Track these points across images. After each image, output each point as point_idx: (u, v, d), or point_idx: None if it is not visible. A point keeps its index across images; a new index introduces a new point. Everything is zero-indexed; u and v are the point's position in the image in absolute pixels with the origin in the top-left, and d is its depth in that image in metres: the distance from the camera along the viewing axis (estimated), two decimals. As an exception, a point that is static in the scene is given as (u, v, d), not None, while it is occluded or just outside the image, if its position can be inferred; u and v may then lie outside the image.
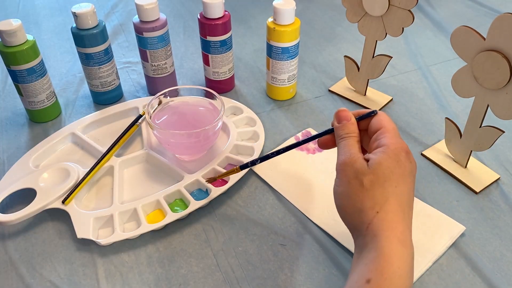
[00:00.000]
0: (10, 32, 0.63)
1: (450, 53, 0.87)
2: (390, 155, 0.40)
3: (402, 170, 0.40)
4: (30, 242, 0.55)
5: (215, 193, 0.58)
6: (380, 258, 0.37)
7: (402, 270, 0.36)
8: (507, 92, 0.52)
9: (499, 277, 0.50)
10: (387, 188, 0.39)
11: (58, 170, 0.60)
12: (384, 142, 0.41)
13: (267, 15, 0.72)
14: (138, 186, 0.61)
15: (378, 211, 0.39)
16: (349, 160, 0.41)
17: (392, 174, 0.39)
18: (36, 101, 0.70)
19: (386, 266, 0.36)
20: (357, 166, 0.40)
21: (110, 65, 0.73)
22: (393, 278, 0.36)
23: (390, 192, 0.39)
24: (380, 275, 0.36)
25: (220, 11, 0.69)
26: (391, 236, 0.38)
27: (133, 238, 0.54)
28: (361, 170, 0.40)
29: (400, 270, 0.36)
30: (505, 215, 0.57)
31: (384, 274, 0.36)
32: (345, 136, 0.44)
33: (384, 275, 0.36)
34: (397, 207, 0.39)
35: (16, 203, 0.58)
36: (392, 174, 0.39)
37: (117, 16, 1.04)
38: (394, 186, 0.39)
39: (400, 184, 0.40)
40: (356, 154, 0.42)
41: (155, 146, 0.66)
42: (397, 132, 0.43)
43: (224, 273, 0.52)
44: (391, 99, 0.77)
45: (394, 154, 0.40)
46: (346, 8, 0.70)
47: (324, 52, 0.90)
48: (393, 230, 0.38)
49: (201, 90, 0.65)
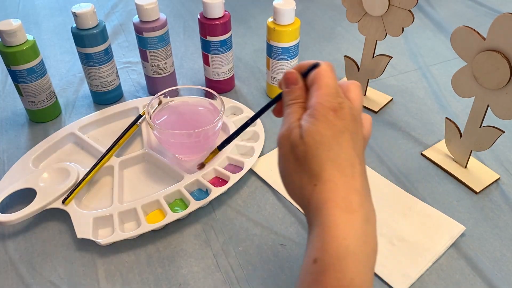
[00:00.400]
0: (10, 32, 0.63)
1: (450, 53, 0.87)
2: (318, 117, 0.36)
3: (333, 131, 0.36)
4: (30, 242, 0.55)
5: (215, 193, 0.57)
6: (323, 234, 0.33)
7: (349, 240, 0.33)
8: (507, 92, 0.52)
9: (499, 277, 0.50)
10: (320, 156, 0.35)
11: (58, 170, 0.60)
12: (311, 103, 0.37)
13: (267, 15, 0.72)
14: (138, 186, 0.61)
15: (315, 184, 0.35)
16: (286, 132, 0.37)
17: (323, 138, 0.35)
18: (36, 101, 0.70)
19: (330, 241, 0.33)
20: (292, 137, 0.36)
21: (110, 65, 0.73)
22: (339, 252, 0.32)
23: (323, 159, 0.35)
24: (325, 252, 0.33)
25: (220, 11, 0.69)
26: (331, 206, 0.34)
27: (133, 238, 0.54)
28: (295, 142, 0.36)
29: (346, 240, 0.33)
30: (505, 215, 0.57)
31: (328, 250, 0.33)
32: (290, 103, 0.40)
33: (329, 251, 0.33)
34: (335, 172, 0.35)
35: (16, 203, 0.58)
36: (323, 138, 0.35)
37: (117, 16, 1.04)
38: (327, 151, 0.35)
39: (333, 146, 0.35)
40: (293, 123, 0.37)
41: (155, 146, 0.66)
42: (330, 87, 0.38)
43: (224, 273, 0.52)
44: (391, 99, 0.77)
45: (321, 115, 0.36)
46: (346, 8, 0.70)
47: (324, 52, 0.90)
48: (333, 200, 0.34)
49: (201, 90, 0.65)
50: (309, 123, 0.36)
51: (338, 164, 0.35)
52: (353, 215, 0.34)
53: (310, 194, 0.35)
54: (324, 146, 0.35)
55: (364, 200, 0.35)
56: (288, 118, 0.38)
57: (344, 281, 0.32)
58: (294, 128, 0.37)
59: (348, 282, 0.32)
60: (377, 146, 0.68)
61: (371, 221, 0.36)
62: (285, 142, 0.37)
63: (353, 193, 0.35)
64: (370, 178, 0.62)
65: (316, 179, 0.35)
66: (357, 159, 0.36)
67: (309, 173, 0.36)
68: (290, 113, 0.38)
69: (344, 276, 0.32)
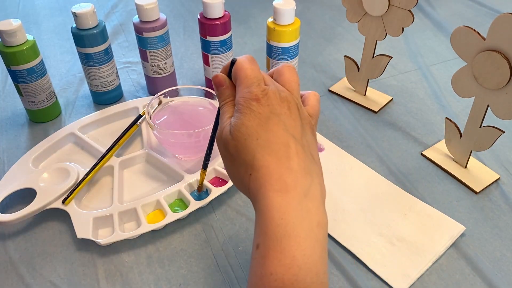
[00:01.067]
0: (10, 32, 0.63)
1: (450, 53, 0.87)
2: (242, 111, 0.36)
3: (258, 119, 0.36)
4: (30, 242, 0.55)
5: (215, 193, 0.57)
6: (261, 218, 0.34)
7: (286, 219, 0.33)
8: (507, 92, 0.52)
9: (499, 277, 0.50)
10: (250, 146, 0.36)
11: (58, 170, 0.60)
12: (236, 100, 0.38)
13: (267, 15, 0.72)
14: (138, 186, 0.61)
15: (250, 173, 0.36)
16: (219, 132, 0.38)
17: (249, 129, 0.36)
18: (36, 101, 0.70)
19: (268, 224, 0.33)
20: (224, 136, 0.38)
21: (110, 65, 0.73)
22: (277, 232, 0.32)
23: (253, 148, 0.36)
24: (265, 236, 0.33)
25: (220, 11, 0.69)
26: (266, 190, 0.34)
27: (133, 238, 0.54)
28: (226, 140, 0.37)
29: (283, 220, 0.33)
30: (505, 215, 0.57)
31: (267, 232, 0.33)
32: (221, 105, 0.40)
33: (268, 233, 0.33)
34: (267, 157, 0.35)
35: (16, 203, 0.58)
36: (249, 129, 0.36)
37: (117, 16, 1.04)
38: (256, 140, 0.36)
39: (261, 134, 0.36)
40: (225, 122, 0.38)
41: (155, 146, 0.66)
42: (249, 78, 0.38)
43: (224, 273, 0.52)
44: (391, 99, 0.77)
45: (245, 108, 0.36)
46: (346, 8, 0.70)
47: (324, 52, 0.90)
48: (267, 183, 0.35)
49: (201, 90, 0.65)
50: (235, 118, 0.37)
51: (269, 149, 0.36)
52: (288, 194, 0.34)
53: (248, 184, 0.36)
54: (251, 136, 0.36)
55: (300, 178, 0.35)
56: (221, 119, 0.39)
57: (286, 260, 0.32)
58: (225, 127, 0.38)
59: (290, 261, 0.32)
60: (377, 146, 0.68)
61: (312, 196, 0.35)
62: (219, 142, 0.38)
63: (286, 172, 0.35)
64: (370, 178, 0.62)
65: (250, 168, 0.36)
66: (291, 139, 0.36)
67: (244, 165, 0.36)
68: (222, 113, 0.39)
69: (285, 256, 0.32)
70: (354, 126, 0.71)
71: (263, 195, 0.34)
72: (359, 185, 0.61)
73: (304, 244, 0.32)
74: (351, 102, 0.76)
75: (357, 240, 0.54)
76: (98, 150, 0.64)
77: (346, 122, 0.72)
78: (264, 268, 0.32)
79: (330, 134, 0.70)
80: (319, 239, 0.34)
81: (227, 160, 0.38)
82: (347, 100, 0.77)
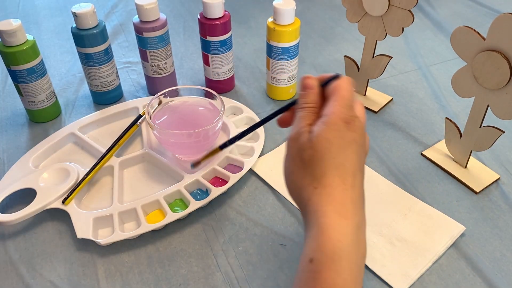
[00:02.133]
0: (10, 32, 0.63)
1: (450, 53, 0.87)
2: (329, 125, 0.38)
3: (341, 140, 0.38)
4: (30, 242, 0.55)
5: (215, 193, 0.57)
6: (319, 235, 0.35)
7: (343, 242, 0.35)
8: (507, 92, 0.52)
9: (499, 277, 0.50)
10: (326, 162, 0.37)
11: (58, 170, 0.60)
12: (326, 112, 0.39)
13: (267, 15, 0.72)
14: (138, 186, 0.61)
15: (316, 187, 0.37)
16: (295, 135, 0.39)
17: (331, 146, 0.37)
18: (36, 101, 0.70)
19: (326, 242, 0.35)
20: (300, 141, 0.38)
21: (110, 65, 0.73)
22: (334, 253, 0.34)
23: (328, 165, 0.37)
24: (321, 253, 0.35)
25: (220, 11, 0.69)
26: (328, 210, 0.36)
27: (133, 238, 0.54)
28: (303, 146, 0.38)
29: (340, 243, 0.35)
30: (505, 215, 0.57)
31: (324, 250, 0.35)
32: (302, 106, 0.41)
33: (324, 251, 0.35)
34: (337, 178, 0.37)
35: (16, 203, 0.58)
36: (331, 146, 0.37)
37: (117, 16, 1.04)
38: (333, 158, 0.37)
39: (339, 155, 0.37)
40: (303, 127, 0.39)
41: (155, 146, 0.66)
42: (347, 100, 0.40)
43: (224, 273, 0.52)
44: (391, 99, 0.77)
45: (333, 124, 0.38)
46: (346, 8, 0.70)
47: (324, 52, 0.90)
48: (331, 204, 0.36)
49: (201, 90, 0.65)
50: (320, 129, 0.38)
51: (341, 172, 0.37)
52: (347, 221, 0.36)
53: (310, 196, 0.37)
54: (330, 153, 0.37)
55: (358, 209, 0.38)
56: (299, 121, 0.40)
57: (338, 280, 0.34)
58: (303, 132, 0.39)
59: (342, 282, 0.34)
60: (377, 146, 0.68)
61: (362, 229, 0.38)
62: (293, 144, 0.39)
63: (349, 200, 0.37)
64: (370, 178, 0.62)
65: (317, 182, 0.37)
66: (359, 171, 0.39)
67: (311, 176, 0.37)
68: (302, 117, 0.40)
69: (338, 275, 0.34)
70: (354, 126, 0.71)
71: (324, 213, 0.36)
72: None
73: (355, 271, 0.35)
74: (351, 102, 0.76)
75: (357, 240, 0.54)
76: (98, 150, 0.64)
77: (346, 122, 0.72)
78: (316, 283, 0.34)
79: (330, 134, 0.70)
80: (362, 270, 0.37)
81: (294, 163, 0.39)
82: (347, 100, 0.77)
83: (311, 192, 0.37)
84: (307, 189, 0.38)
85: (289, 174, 0.40)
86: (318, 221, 0.36)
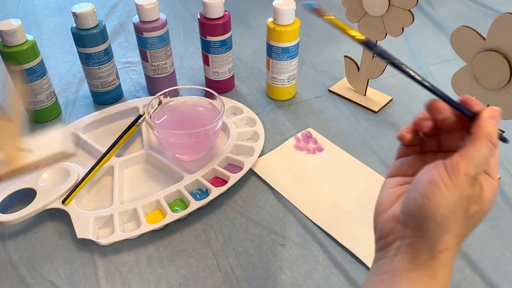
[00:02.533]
0: (10, 32, 0.63)
1: (450, 53, 0.87)
2: (496, 193, 0.36)
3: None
4: (30, 242, 0.55)
5: (215, 193, 0.57)
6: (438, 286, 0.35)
7: None
8: (507, 92, 0.52)
9: (499, 277, 0.50)
10: (475, 225, 0.36)
11: (58, 170, 0.60)
12: (495, 177, 0.36)
13: (267, 15, 0.72)
14: (138, 186, 0.61)
15: (458, 243, 0.35)
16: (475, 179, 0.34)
17: (486, 213, 0.36)
18: (36, 101, 0.70)
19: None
20: (476, 190, 0.34)
21: (110, 65, 0.73)
22: None
23: (473, 229, 0.36)
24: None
25: (220, 11, 0.69)
26: (450, 274, 0.35)
27: (133, 238, 0.54)
28: (476, 197, 0.34)
29: None
30: (505, 215, 0.57)
31: None
32: (493, 142, 0.35)
33: None
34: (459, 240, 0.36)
35: (16, 203, 0.58)
36: (487, 213, 0.36)
37: (117, 16, 1.04)
38: (477, 225, 0.36)
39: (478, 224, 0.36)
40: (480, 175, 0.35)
41: (155, 146, 0.66)
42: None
43: (224, 273, 0.52)
44: (391, 99, 0.77)
45: (496, 193, 0.36)
46: (346, 8, 0.70)
47: (324, 52, 0.90)
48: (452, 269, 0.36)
49: (201, 90, 0.65)
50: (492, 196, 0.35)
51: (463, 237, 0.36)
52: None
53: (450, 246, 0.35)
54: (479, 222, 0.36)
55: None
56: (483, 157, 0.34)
57: None
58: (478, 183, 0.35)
59: None
60: (377, 146, 0.68)
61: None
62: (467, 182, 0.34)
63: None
64: (370, 178, 0.62)
65: (461, 240, 0.35)
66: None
67: (461, 230, 0.35)
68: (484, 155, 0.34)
69: None
70: (354, 126, 0.71)
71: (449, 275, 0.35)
72: (359, 185, 0.61)
73: None
74: (351, 102, 0.76)
75: (357, 240, 0.54)
76: (98, 150, 0.64)
77: (346, 122, 0.72)
78: None
79: (330, 134, 0.70)
80: None
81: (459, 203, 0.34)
82: (347, 100, 0.77)
83: (453, 244, 0.35)
84: (451, 238, 0.35)
85: (445, 204, 0.34)
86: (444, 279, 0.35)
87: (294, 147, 0.67)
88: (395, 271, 0.35)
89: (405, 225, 0.36)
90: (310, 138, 0.69)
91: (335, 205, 0.58)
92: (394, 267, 0.36)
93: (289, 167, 0.64)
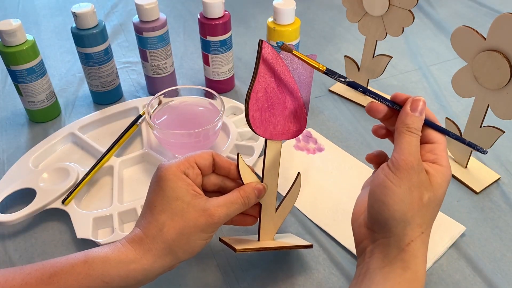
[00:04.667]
0: (10, 32, 0.63)
1: (450, 53, 0.87)
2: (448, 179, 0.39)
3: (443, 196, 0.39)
4: (30, 242, 0.55)
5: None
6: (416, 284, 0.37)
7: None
8: (507, 92, 0.52)
9: (499, 277, 0.50)
10: (435, 212, 0.38)
11: (58, 170, 0.60)
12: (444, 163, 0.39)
13: (267, 15, 0.72)
14: (138, 186, 0.61)
15: (423, 232, 0.38)
16: (417, 166, 0.37)
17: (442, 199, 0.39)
18: (36, 101, 0.70)
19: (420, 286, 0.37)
20: (422, 177, 0.37)
21: (110, 65, 0.73)
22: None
23: (434, 216, 0.39)
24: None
25: (220, 11, 0.69)
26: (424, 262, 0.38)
27: (133, 238, 0.54)
28: (425, 184, 0.37)
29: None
30: (505, 215, 0.57)
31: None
32: (413, 131, 0.38)
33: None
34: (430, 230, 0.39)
35: (16, 203, 0.58)
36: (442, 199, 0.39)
37: (117, 16, 1.04)
38: (437, 211, 0.39)
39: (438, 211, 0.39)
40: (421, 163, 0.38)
41: (155, 146, 0.66)
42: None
43: (224, 273, 0.51)
44: (391, 99, 0.76)
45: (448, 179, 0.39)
46: (346, 8, 0.70)
47: (324, 52, 0.90)
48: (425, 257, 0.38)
49: (201, 90, 0.65)
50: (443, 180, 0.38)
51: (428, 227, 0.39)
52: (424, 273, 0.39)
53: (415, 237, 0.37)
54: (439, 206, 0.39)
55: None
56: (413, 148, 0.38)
57: None
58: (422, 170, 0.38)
59: None
60: (377, 146, 0.67)
61: None
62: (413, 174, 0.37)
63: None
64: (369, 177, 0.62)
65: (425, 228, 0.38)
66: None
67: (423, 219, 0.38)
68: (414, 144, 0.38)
69: None
70: (354, 126, 0.71)
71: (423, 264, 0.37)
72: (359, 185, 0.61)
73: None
74: (351, 102, 0.76)
75: (357, 240, 0.54)
76: (98, 150, 0.64)
77: (346, 122, 0.72)
78: None
79: (330, 134, 0.70)
80: None
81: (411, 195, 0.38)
82: (347, 100, 0.77)
83: (418, 235, 0.37)
84: (415, 229, 0.37)
85: (399, 201, 0.37)
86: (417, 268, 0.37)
87: (294, 147, 0.67)
88: (371, 269, 0.38)
89: (372, 229, 0.40)
90: (310, 138, 0.69)
91: (335, 205, 0.58)
92: (370, 267, 0.39)
93: (289, 167, 0.64)
